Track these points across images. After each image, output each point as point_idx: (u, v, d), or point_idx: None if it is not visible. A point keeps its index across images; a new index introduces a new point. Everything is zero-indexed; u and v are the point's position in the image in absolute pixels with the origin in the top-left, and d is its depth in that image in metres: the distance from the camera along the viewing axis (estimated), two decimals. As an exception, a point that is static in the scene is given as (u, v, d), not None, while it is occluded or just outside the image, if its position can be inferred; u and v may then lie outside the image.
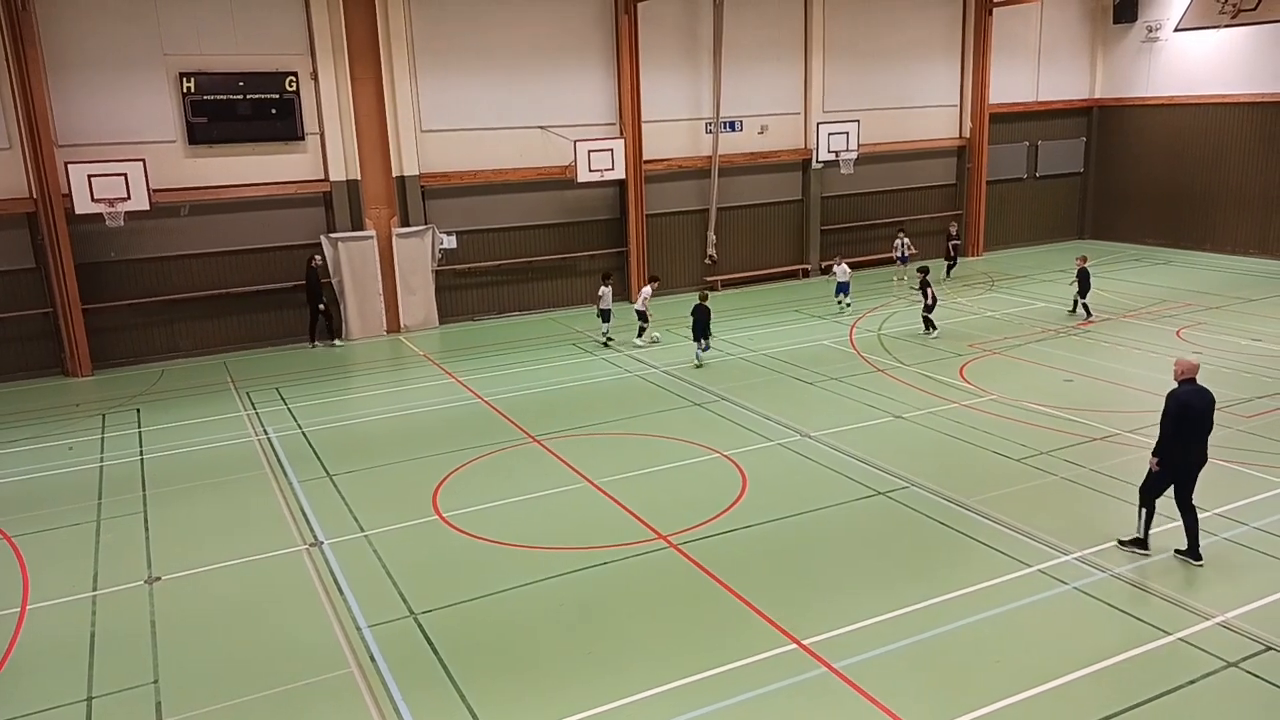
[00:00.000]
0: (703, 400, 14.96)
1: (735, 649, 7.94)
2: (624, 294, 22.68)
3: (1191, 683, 7.28)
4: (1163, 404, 9.09)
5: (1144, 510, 9.26)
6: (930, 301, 18.22)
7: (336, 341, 19.94)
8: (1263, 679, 7.30)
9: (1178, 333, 17.85)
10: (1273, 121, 24.60)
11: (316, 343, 19.72)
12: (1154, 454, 9.12)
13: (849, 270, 21.23)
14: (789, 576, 9.27)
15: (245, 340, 19.67)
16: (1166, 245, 27.20)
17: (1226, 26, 24.30)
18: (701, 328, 16.88)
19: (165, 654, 8.31)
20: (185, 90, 18.19)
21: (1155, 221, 27.64)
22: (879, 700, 7.18)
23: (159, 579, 9.72)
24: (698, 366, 16.83)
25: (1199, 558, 9.05)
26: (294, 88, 19.09)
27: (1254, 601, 8.36)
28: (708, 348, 17.07)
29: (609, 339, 18.76)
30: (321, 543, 10.38)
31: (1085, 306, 19.12)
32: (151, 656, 8.27)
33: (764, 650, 7.90)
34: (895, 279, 23.74)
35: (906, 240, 23.87)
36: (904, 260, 23.59)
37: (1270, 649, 7.66)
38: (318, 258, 19.54)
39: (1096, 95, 28.88)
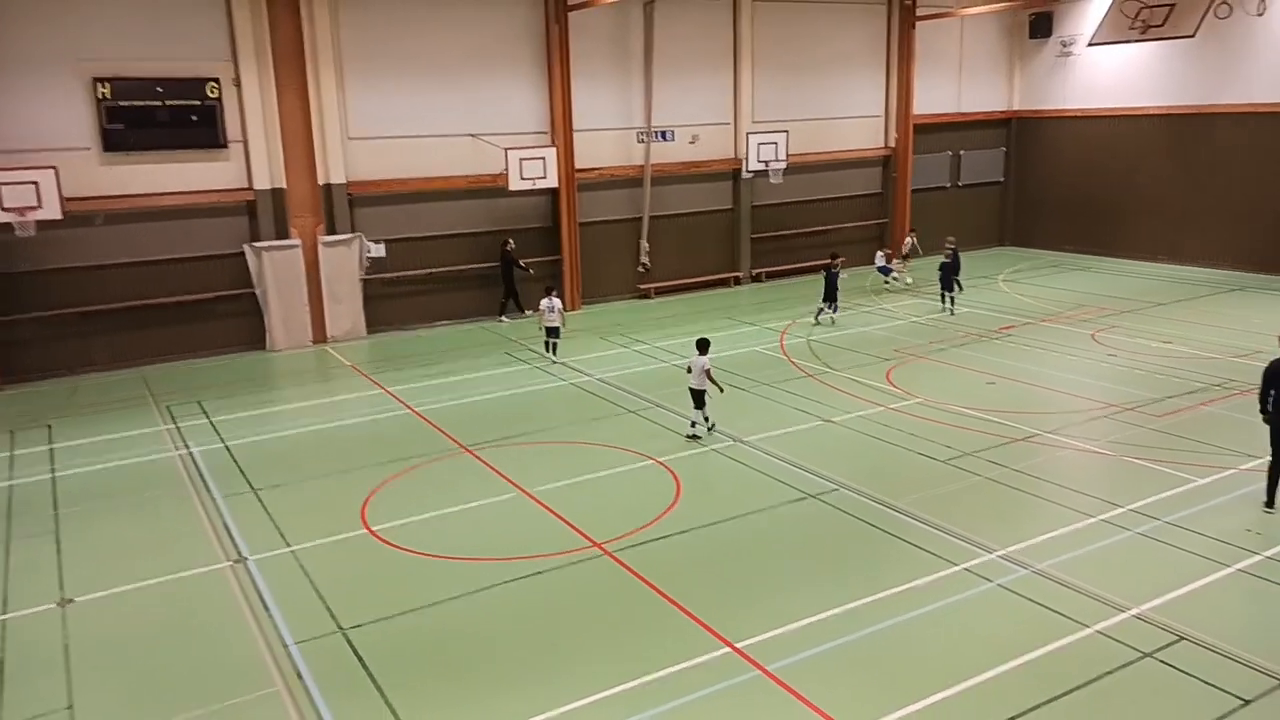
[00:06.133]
0: (636, 407, 14.99)
1: (670, 655, 7.95)
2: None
3: (1109, 673, 7.52)
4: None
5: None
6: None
7: (528, 312, 21.37)
8: (1176, 668, 7.57)
9: (1093, 335, 18.47)
10: (1179, 132, 25.68)
11: (504, 318, 21.70)
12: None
13: (888, 255, 24.30)
14: (723, 581, 9.33)
15: (165, 352, 19.08)
16: (1083, 252, 28.14)
17: (1136, 41, 25.31)
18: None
19: (80, 678, 8.00)
20: (100, 96, 17.60)
21: (1072, 229, 28.60)
22: (811, 701, 7.26)
23: (72, 601, 9.35)
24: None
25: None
26: (216, 94, 18.62)
27: (1167, 594, 8.67)
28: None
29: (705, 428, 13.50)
30: (246, 559, 10.11)
31: None
32: (65, 681, 7.96)
33: (698, 655, 7.93)
34: (903, 273, 25.09)
35: (914, 240, 25.42)
36: (910, 257, 25.35)
37: (1183, 639, 7.95)
38: (510, 242, 21.42)
39: (1015, 107, 29.81)
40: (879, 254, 24.60)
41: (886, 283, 24.16)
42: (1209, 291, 22.50)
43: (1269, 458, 10.40)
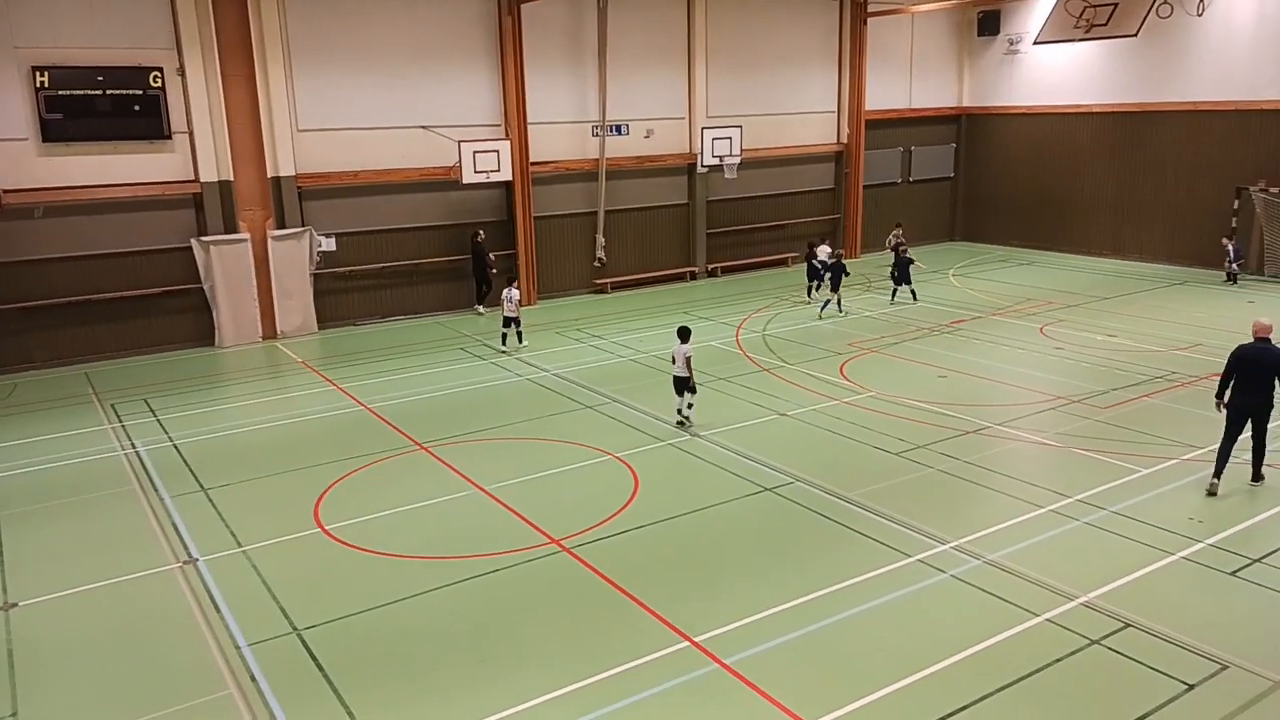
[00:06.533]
0: (594, 402, 14.96)
1: (628, 650, 7.96)
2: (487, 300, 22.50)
3: (1059, 660, 7.68)
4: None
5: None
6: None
7: (479, 309, 21.88)
8: (1122, 654, 7.76)
9: (1041, 329, 18.84)
10: (1121, 130, 26.29)
11: (480, 307, 21.95)
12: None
13: (829, 251, 22.96)
14: (681, 575, 9.36)
15: (109, 349, 18.63)
16: (1030, 247, 28.70)
17: (1081, 40, 25.82)
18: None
19: (25, 684, 7.78)
20: (38, 85, 17.10)
21: (1019, 224, 29.14)
22: (769, 694, 7.31)
23: (15, 605, 9.09)
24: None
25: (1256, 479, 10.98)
26: (159, 84, 18.19)
27: (1113, 581, 8.88)
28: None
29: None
30: (196, 560, 9.91)
31: None
32: (9, 687, 7.74)
33: (657, 650, 7.95)
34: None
35: (900, 232, 25.23)
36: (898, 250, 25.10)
37: (1129, 625, 8.15)
38: (481, 233, 21.62)
39: (964, 104, 30.26)
40: (822, 248, 23.58)
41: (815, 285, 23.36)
42: (1151, 286, 23.08)
43: (1220, 440, 10.81)
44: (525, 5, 21.34)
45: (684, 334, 13.67)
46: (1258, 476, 10.94)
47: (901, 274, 21.47)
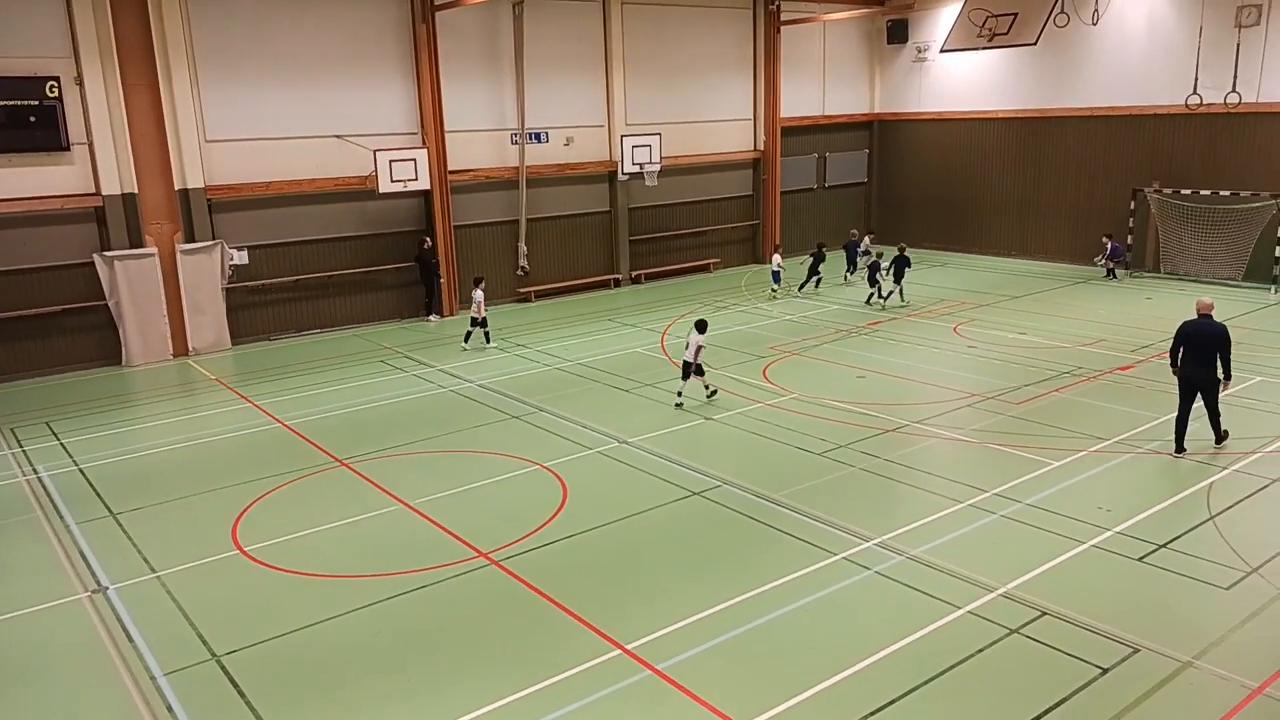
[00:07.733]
0: (520, 412, 14.85)
1: (560, 661, 7.91)
2: (422, 309, 22.16)
3: (980, 651, 7.89)
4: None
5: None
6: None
7: (432, 318, 22.03)
8: (1040, 641, 8.01)
9: (955, 329, 19.38)
10: (1025, 135, 27.26)
11: (432, 317, 22.15)
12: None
13: (780, 260, 23.80)
14: (611, 583, 9.35)
15: (7, 371, 17.77)
16: (942, 249, 29.51)
17: (984, 49, 26.66)
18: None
19: (-82, 729, 7.37)
20: (-77, 95, 16.29)
21: (931, 227, 29.94)
22: (701, 697, 7.35)
23: (-92, 645, 8.60)
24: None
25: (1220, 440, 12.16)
26: (56, 94, 17.45)
27: (1030, 572, 9.17)
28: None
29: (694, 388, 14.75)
30: (106, 588, 9.51)
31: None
32: (-99, 734, 7.31)
33: (588, 659, 7.92)
34: (848, 273, 25.34)
35: (868, 239, 25.82)
36: (866, 254, 25.24)
37: (1045, 614, 8.42)
38: (428, 240, 21.66)
39: (876, 110, 30.99)
40: (775, 257, 23.87)
41: (775, 290, 23.36)
42: (1056, 285, 23.95)
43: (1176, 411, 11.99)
44: (440, 13, 21.12)
45: (701, 326, 14.87)
46: (1220, 438, 12.16)
47: (871, 276, 21.85)
